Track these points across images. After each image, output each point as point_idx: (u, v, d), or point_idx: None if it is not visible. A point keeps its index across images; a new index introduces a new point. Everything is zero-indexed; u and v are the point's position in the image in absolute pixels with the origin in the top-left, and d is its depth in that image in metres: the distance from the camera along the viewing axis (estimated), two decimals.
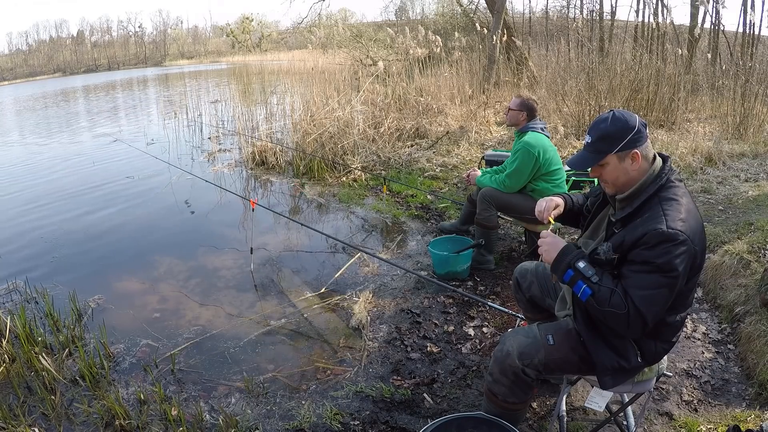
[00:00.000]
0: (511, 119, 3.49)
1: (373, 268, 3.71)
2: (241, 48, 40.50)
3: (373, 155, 6.49)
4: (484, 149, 6.63)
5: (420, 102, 7.83)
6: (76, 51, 62.42)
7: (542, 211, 1.92)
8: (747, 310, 2.80)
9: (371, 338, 2.86)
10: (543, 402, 2.31)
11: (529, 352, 1.72)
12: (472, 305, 3.14)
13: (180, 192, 5.89)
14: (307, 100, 7.03)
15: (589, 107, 6.86)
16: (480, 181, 3.59)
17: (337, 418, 2.25)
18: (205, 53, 58.74)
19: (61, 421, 2.30)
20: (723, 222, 3.98)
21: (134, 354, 2.80)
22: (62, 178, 6.83)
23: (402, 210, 4.86)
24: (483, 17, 13.19)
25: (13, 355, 2.72)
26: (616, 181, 1.61)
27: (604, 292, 1.51)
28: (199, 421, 2.26)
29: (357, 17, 39.52)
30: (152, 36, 68.99)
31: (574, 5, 14.50)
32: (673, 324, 1.61)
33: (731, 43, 9.92)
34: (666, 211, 1.50)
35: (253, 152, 6.82)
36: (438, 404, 2.34)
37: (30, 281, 3.65)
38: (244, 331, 2.99)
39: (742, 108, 6.47)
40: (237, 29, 48.23)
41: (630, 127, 1.56)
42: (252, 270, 3.76)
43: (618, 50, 8.04)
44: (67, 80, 39.13)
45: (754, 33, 9.12)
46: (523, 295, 2.17)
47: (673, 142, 6.03)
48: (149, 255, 4.16)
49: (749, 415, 2.14)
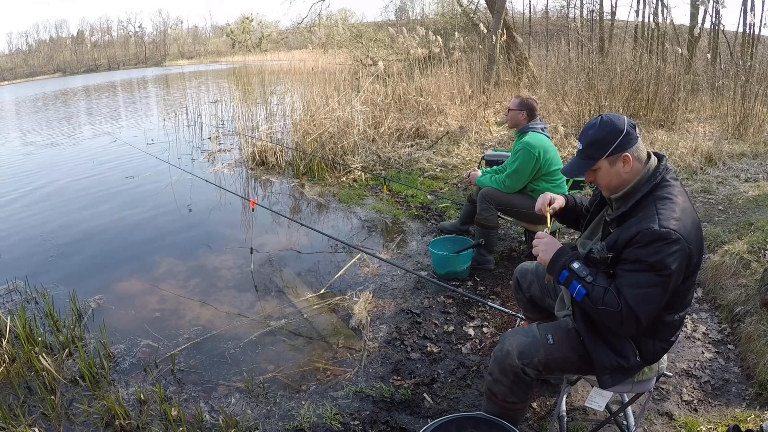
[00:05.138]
0: (512, 120, 3.48)
1: (373, 268, 3.71)
2: (241, 48, 40.50)
3: (373, 155, 6.49)
4: (484, 149, 6.63)
5: (420, 102, 7.83)
6: (76, 51, 62.47)
7: (541, 204, 1.94)
8: (747, 310, 2.80)
9: (371, 338, 2.86)
10: (543, 402, 2.31)
11: (528, 352, 1.73)
12: (472, 305, 3.14)
13: (180, 192, 5.89)
14: (307, 100, 7.03)
15: (589, 107, 6.85)
16: (480, 181, 3.59)
17: (337, 418, 2.25)
18: (205, 53, 58.78)
19: (61, 421, 2.30)
20: (723, 222, 3.98)
21: (134, 354, 2.80)
22: (62, 178, 6.83)
23: (402, 210, 4.86)
24: (483, 17, 13.19)
25: (13, 355, 2.72)
26: (609, 184, 1.63)
27: (598, 291, 1.52)
28: (199, 421, 2.26)
29: (357, 17, 39.59)
30: (152, 36, 69.11)
31: (574, 5, 14.52)
32: (672, 323, 1.62)
33: (731, 43, 9.91)
34: (660, 210, 1.50)
35: (253, 152, 6.83)
36: (438, 404, 2.34)
37: (30, 281, 3.65)
38: (244, 331, 2.99)
39: (742, 108, 6.47)
40: (237, 29, 48.24)
41: (618, 130, 1.57)
42: (252, 270, 3.77)
43: (618, 50, 8.04)
44: (67, 80, 39.16)
45: (754, 33, 9.11)
46: (524, 295, 2.17)
47: (673, 142, 6.03)
48: (149, 255, 4.16)
49: (749, 415, 2.14)
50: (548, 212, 1.92)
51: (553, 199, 1.95)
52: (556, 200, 1.95)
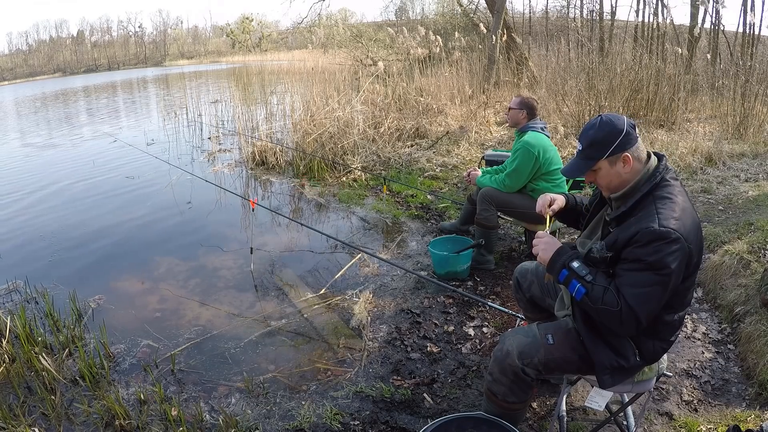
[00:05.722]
0: (512, 119, 3.49)
1: (373, 269, 3.71)
2: (241, 48, 40.49)
3: (373, 155, 6.49)
4: (484, 149, 6.63)
5: (420, 102, 7.83)
6: (76, 51, 62.46)
7: (541, 206, 1.94)
8: (747, 310, 2.80)
9: (371, 338, 2.86)
10: (543, 402, 2.31)
11: (528, 352, 1.73)
12: (472, 305, 3.14)
13: (180, 192, 5.89)
14: (307, 100, 7.03)
15: (589, 107, 6.85)
16: (480, 181, 3.59)
17: (337, 419, 2.25)
18: (205, 53, 58.77)
19: (61, 421, 2.30)
20: (723, 222, 3.98)
21: (134, 354, 2.80)
22: (62, 178, 6.83)
23: (402, 210, 4.86)
24: (483, 17, 13.19)
25: (13, 355, 2.72)
26: (609, 184, 1.63)
27: (598, 290, 1.52)
28: (199, 422, 2.26)
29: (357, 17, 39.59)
30: (152, 36, 69.08)
31: (574, 5, 14.53)
32: (671, 323, 1.62)
33: (731, 43, 9.92)
34: (659, 209, 1.51)
35: (253, 152, 6.83)
36: (438, 404, 2.34)
37: (30, 281, 3.65)
38: (244, 331, 2.99)
39: (742, 108, 6.47)
40: (237, 29, 48.22)
41: (618, 131, 1.57)
42: (252, 270, 3.77)
43: (618, 50, 8.04)
44: (67, 80, 39.15)
45: (754, 33, 9.12)
46: (524, 294, 2.17)
47: (673, 142, 6.03)
48: (149, 255, 4.16)
49: (749, 415, 2.14)
50: (548, 213, 1.93)
51: (553, 199, 1.95)
52: (556, 200, 1.95)
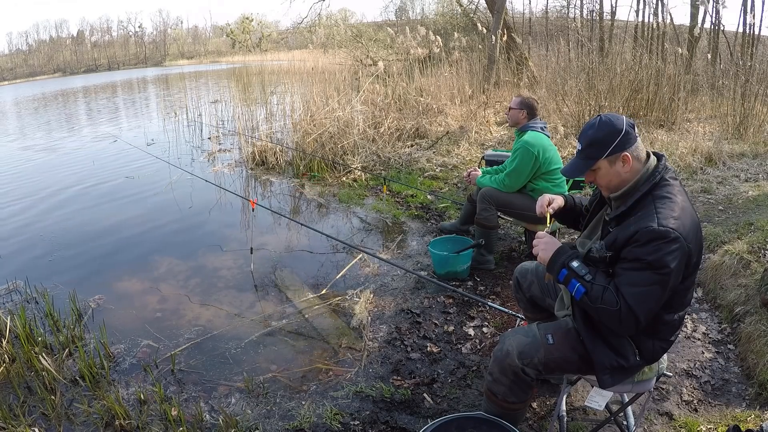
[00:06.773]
0: (512, 118, 3.49)
1: (373, 269, 3.71)
2: (241, 48, 40.51)
3: (373, 155, 6.49)
4: (484, 149, 6.63)
5: (420, 102, 7.83)
6: (76, 51, 62.49)
7: (540, 206, 1.95)
8: (747, 310, 2.80)
9: (371, 338, 2.86)
10: (543, 402, 2.31)
11: (528, 352, 1.73)
12: (472, 305, 3.14)
13: (180, 192, 5.89)
14: (307, 100, 7.03)
15: (589, 107, 6.85)
16: (480, 181, 3.59)
17: (337, 418, 2.25)
18: (205, 53, 58.80)
19: (61, 421, 2.30)
20: (723, 222, 3.98)
21: (134, 354, 2.80)
22: (63, 178, 6.83)
23: (402, 210, 4.86)
24: (483, 17, 13.19)
25: (13, 355, 2.72)
26: (609, 184, 1.64)
27: (597, 290, 1.53)
28: (199, 421, 2.26)
29: (357, 17, 39.51)
30: (152, 36, 69.13)
31: (574, 5, 14.53)
32: (671, 323, 1.62)
33: (731, 43, 9.92)
34: (659, 209, 1.51)
35: (253, 152, 6.83)
36: (438, 404, 2.34)
37: (30, 281, 3.65)
38: (244, 331, 2.99)
39: (742, 108, 6.47)
40: (237, 29, 48.24)
41: (617, 130, 1.57)
42: (252, 270, 3.76)
43: (618, 50, 8.03)
44: (67, 80, 39.17)
45: (754, 33, 9.12)
46: (524, 294, 2.17)
47: (673, 142, 6.03)
48: (149, 255, 4.16)
49: (749, 415, 2.14)
50: (548, 213, 1.93)
51: (552, 199, 1.96)
52: (555, 200, 1.96)
